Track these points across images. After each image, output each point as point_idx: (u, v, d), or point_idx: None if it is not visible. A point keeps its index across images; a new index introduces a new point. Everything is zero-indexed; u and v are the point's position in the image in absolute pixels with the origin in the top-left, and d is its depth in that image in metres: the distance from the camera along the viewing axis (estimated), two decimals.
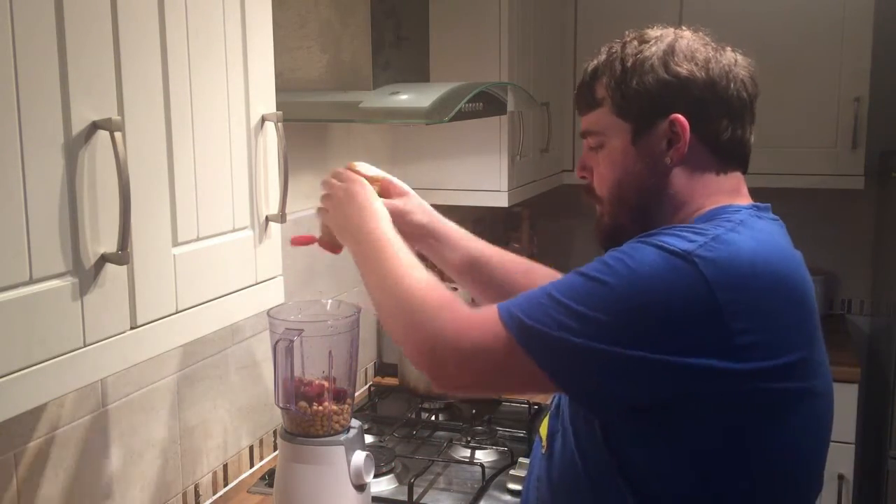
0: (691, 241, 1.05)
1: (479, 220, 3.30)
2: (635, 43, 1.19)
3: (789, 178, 2.79)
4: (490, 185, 2.49)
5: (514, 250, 3.52)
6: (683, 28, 1.21)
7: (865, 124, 2.79)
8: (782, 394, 1.06)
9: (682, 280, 1.02)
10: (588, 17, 3.00)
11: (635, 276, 1.04)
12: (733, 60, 1.18)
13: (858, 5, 2.74)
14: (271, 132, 1.28)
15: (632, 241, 1.11)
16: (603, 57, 1.22)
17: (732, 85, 1.16)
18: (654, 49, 1.17)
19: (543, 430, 1.29)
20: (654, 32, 1.20)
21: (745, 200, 1.20)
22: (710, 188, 1.18)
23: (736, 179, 1.20)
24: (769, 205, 1.20)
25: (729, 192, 1.19)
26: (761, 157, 1.19)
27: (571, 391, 1.11)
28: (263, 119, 1.26)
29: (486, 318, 1.11)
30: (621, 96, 1.18)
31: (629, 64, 1.17)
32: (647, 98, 1.16)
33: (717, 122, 1.16)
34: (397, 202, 1.43)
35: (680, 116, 1.15)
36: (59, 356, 0.91)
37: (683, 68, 1.15)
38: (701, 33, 1.21)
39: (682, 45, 1.17)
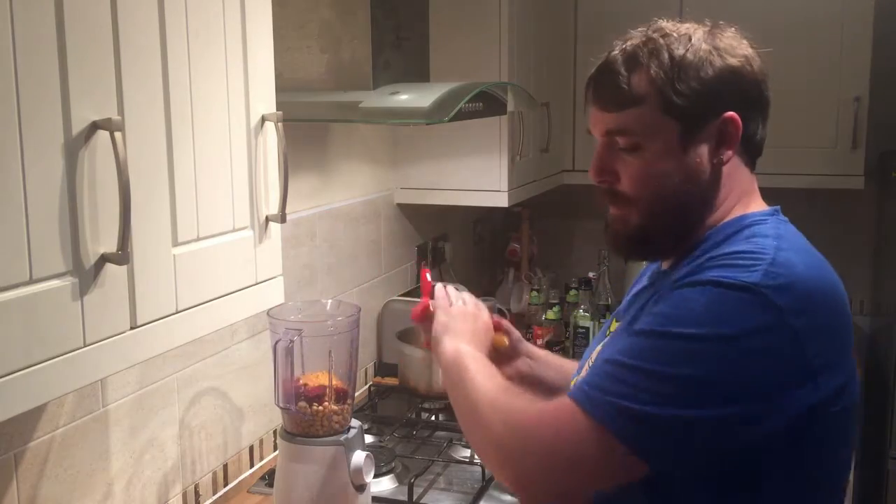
0: (751, 271, 0.99)
1: (480, 220, 3.31)
2: (675, 34, 1.10)
3: (789, 178, 2.79)
4: (490, 185, 2.49)
5: (513, 250, 3.53)
6: (706, 22, 1.15)
7: (865, 124, 2.78)
8: (837, 414, 1.03)
9: (758, 314, 0.97)
10: (588, 17, 3.00)
11: (710, 321, 0.97)
12: (755, 55, 1.14)
13: (858, 5, 2.74)
14: (271, 132, 1.28)
15: (679, 285, 1.04)
16: (635, 48, 1.11)
17: (765, 82, 1.13)
18: (703, 43, 1.09)
19: None
20: (682, 26, 1.13)
21: (760, 200, 1.18)
22: (740, 189, 1.15)
23: (754, 179, 1.18)
24: (779, 207, 1.19)
25: (751, 193, 1.16)
26: (761, 157, 1.18)
27: (663, 465, 1.00)
28: (263, 119, 1.26)
29: (559, 409, 1.03)
30: (675, 92, 1.07)
31: (683, 55, 1.08)
32: (704, 94, 1.08)
33: (755, 120, 1.12)
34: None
35: (734, 115, 1.09)
36: (59, 356, 0.91)
37: (736, 62, 1.09)
38: (735, 27, 1.16)
39: (725, 38, 1.11)
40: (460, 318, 1.33)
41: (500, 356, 1.40)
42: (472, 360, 1.21)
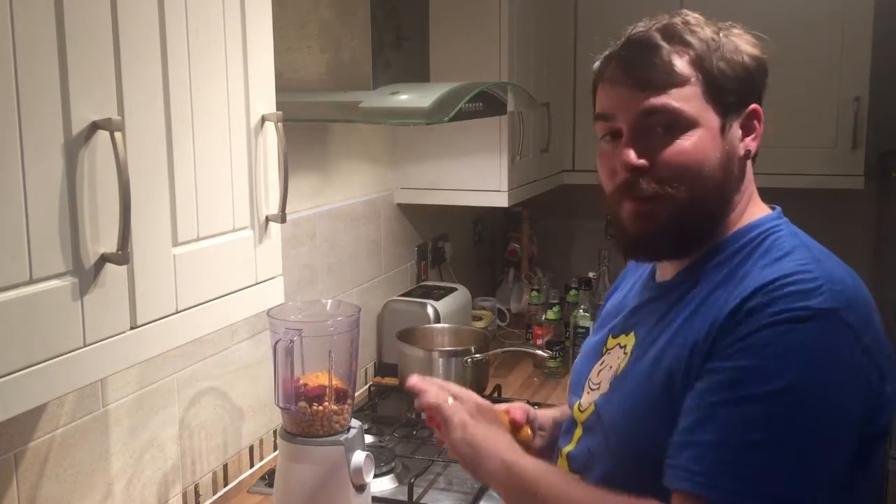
0: (818, 294, 0.96)
1: (479, 220, 3.31)
2: (703, 21, 1.08)
3: (789, 178, 2.79)
4: (490, 185, 2.49)
5: (513, 250, 3.52)
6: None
7: (865, 124, 2.78)
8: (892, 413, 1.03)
9: (840, 340, 0.96)
10: (588, 17, 3.00)
11: (801, 362, 0.94)
12: None
13: (858, 5, 2.74)
14: (271, 132, 1.28)
15: (748, 331, 0.97)
16: (672, 25, 1.07)
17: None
18: (728, 32, 1.08)
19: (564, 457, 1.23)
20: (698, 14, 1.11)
21: (760, 200, 1.15)
22: (749, 185, 1.13)
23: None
24: (779, 207, 1.17)
25: (755, 192, 1.15)
26: (761, 157, 1.17)
27: None
28: (263, 119, 1.26)
29: None
30: (721, 75, 1.05)
31: (720, 40, 1.06)
32: (741, 81, 1.07)
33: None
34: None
35: (759, 107, 1.09)
36: (59, 356, 0.91)
37: (761, 54, 1.09)
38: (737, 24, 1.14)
39: (737, 31, 1.10)
40: (471, 423, 1.16)
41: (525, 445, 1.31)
42: (530, 467, 1.10)
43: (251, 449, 1.93)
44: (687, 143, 1.05)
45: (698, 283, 1.09)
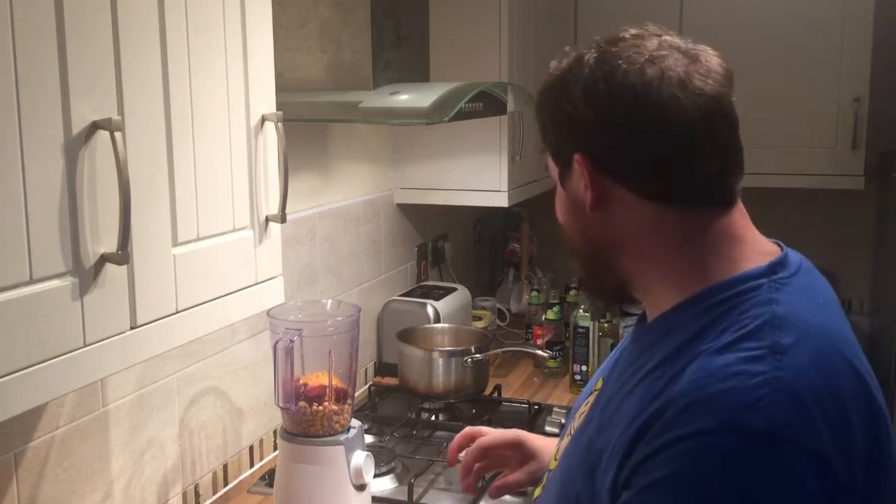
0: (757, 408, 0.76)
1: (480, 220, 3.31)
2: (555, 62, 0.99)
3: (789, 178, 2.78)
4: (490, 185, 2.49)
5: (513, 250, 3.52)
6: (628, 30, 0.95)
7: (865, 124, 2.79)
8: None
9: (793, 473, 0.75)
10: (588, 17, 3.00)
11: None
12: (679, 70, 0.88)
13: (858, 5, 2.74)
14: (271, 132, 1.28)
15: (669, 453, 0.78)
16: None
17: (686, 100, 0.87)
18: (586, 69, 0.92)
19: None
20: (582, 50, 0.95)
21: (751, 246, 0.92)
22: (695, 240, 0.91)
23: (724, 222, 0.91)
24: (786, 253, 0.94)
25: (722, 239, 0.91)
26: (761, 158, 1.17)
27: None
28: (263, 119, 1.26)
29: None
30: (548, 122, 0.99)
31: (563, 85, 0.95)
32: (556, 128, 0.98)
33: (650, 161, 0.90)
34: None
35: (580, 155, 0.92)
36: (59, 356, 0.91)
37: (632, 87, 0.88)
38: (658, 34, 0.94)
39: (627, 54, 0.90)
40: None
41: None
42: None
43: (251, 449, 1.93)
44: (557, 198, 1.02)
45: (654, 344, 0.92)
